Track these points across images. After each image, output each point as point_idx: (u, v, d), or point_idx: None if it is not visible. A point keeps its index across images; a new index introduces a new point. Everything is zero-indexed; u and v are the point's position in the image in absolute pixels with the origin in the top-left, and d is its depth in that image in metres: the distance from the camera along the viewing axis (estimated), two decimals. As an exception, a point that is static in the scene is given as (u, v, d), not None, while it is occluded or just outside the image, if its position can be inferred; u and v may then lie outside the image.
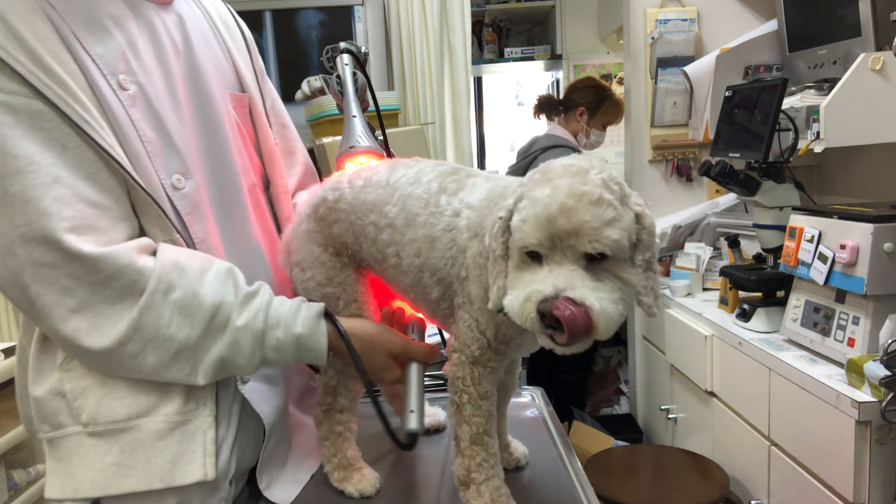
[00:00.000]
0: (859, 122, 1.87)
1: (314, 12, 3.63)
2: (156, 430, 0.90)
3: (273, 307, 0.95)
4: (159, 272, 0.86)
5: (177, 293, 0.87)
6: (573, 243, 0.75)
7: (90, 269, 0.83)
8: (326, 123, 2.65)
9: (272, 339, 0.93)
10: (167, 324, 0.87)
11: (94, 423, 0.89)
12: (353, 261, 1.06)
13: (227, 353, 0.91)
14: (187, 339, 0.88)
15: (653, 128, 2.95)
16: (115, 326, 0.85)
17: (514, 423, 1.16)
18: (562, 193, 0.76)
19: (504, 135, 4.82)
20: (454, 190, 0.96)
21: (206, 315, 0.89)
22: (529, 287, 0.77)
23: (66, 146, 0.83)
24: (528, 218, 0.77)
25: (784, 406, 1.78)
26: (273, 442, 1.04)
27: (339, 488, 1.06)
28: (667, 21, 2.84)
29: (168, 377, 0.89)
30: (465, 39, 3.47)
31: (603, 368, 3.55)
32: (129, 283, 0.85)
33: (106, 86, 0.87)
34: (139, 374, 0.88)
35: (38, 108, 0.81)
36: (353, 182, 1.04)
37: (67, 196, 0.82)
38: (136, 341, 0.86)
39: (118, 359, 0.86)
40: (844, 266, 1.62)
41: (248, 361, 0.93)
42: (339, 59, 1.28)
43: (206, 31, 1.07)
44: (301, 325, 0.95)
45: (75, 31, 0.86)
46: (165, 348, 0.87)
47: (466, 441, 0.94)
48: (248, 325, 0.92)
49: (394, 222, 0.98)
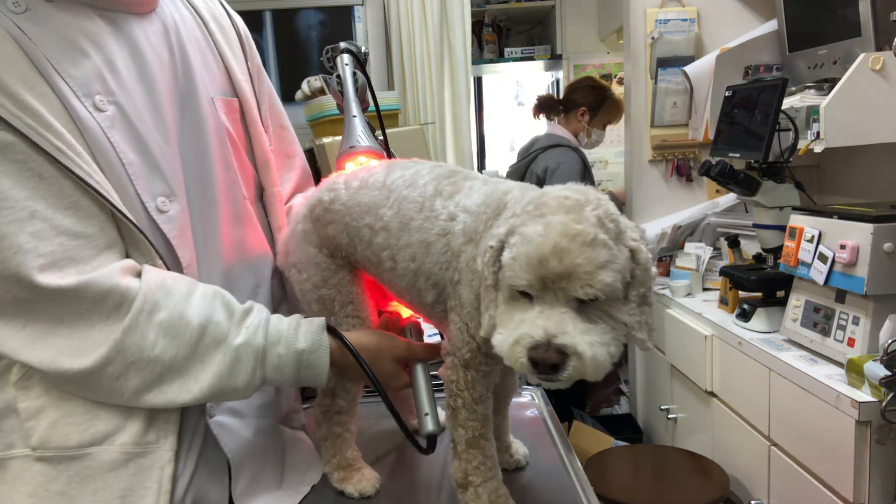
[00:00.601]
0: (859, 122, 1.87)
1: (314, 12, 3.64)
2: (109, 460, 0.85)
3: (272, 324, 0.92)
4: (144, 292, 0.83)
5: (162, 314, 0.84)
6: (564, 286, 0.74)
7: (71, 301, 0.80)
8: (326, 123, 2.65)
9: (273, 357, 0.90)
10: (152, 345, 0.83)
11: (43, 448, 0.84)
12: (347, 262, 1.05)
13: (226, 373, 0.87)
14: (173, 360, 0.85)
15: (653, 128, 2.95)
16: (96, 348, 0.81)
17: (514, 423, 1.16)
18: (555, 232, 0.74)
19: (504, 135, 4.81)
20: (450, 193, 0.95)
21: (192, 336, 0.86)
22: (520, 329, 0.76)
23: (43, 176, 0.79)
24: (518, 257, 0.75)
25: (784, 406, 1.78)
26: (247, 477, 0.99)
27: (339, 489, 1.06)
28: (667, 21, 2.84)
29: (152, 401, 0.85)
30: (465, 39, 3.47)
31: (603, 368, 3.55)
32: (114, 305, 0.82)
33: (82, 108, 0.83)
34: (121, 397, 0.84)
35: (9, 140, 0.78)
36: (350, 183, 1.04)
37: (45, 230, 0.79)
38: (119, 363, 0.82)
39: (99, 381, 0.83)
40: (844, 266, 1.62)
41: (248, 381, 0.89)
42: (339, 59, 1.28)
43: (197, 35, 1.03)
44: (303, 340, 0.92)
45: (47, 53, 0.82)
46: (149, 370, 0.84)
47: (463, 444, 0.94)
48: (248, 343, 0.88)
49: (389, 226, 0.97)
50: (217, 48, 1.06)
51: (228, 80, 1.06)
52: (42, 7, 0.84)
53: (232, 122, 1.04)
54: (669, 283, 2.59)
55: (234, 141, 1.04)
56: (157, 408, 0.87)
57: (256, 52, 1.16)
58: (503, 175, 3.55)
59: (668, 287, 2.60)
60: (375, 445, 1.20)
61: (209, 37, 1.06)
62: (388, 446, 1.21)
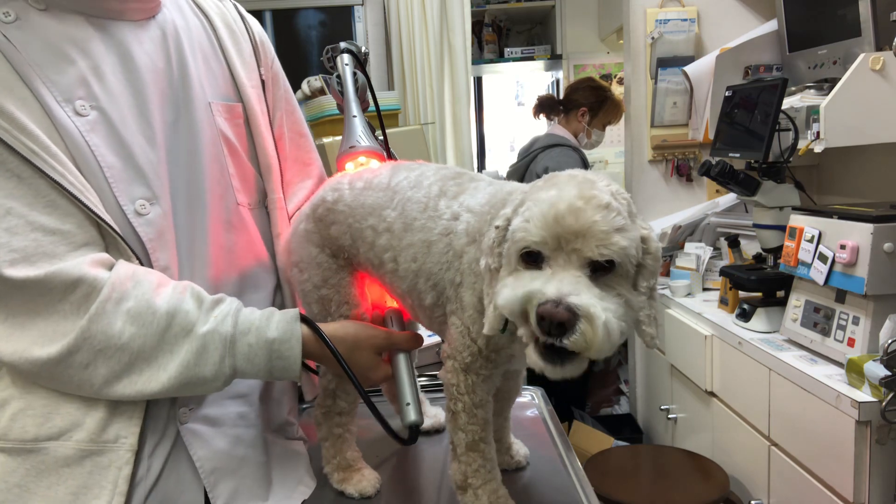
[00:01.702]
0: (859, 122, 1.87)
1: (314, 12, 3.64)
2: (63, 455, 0.85)
3: (243, 313, 0.91)
4: (113, 282, 0.83)
5: (130, 303, 0.84)
6: (579, 246, 0.71)
7: (42, 291, 0.81)
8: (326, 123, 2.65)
9: (243, 346, 0.89)
10: (119, 333, 0.83)
11: (4, 439, 0.86)
12: (349, 263, 1.05)
13: (193, 361, 0.86)
14: (141, 348, 0.84)
15: (653, 128, 2.95)
16: (64, 336, 0.82)
17: (514, 423, 1.16)
18: (570, 195, 0.72)
19: (504, 135, 4.82)
20: (454, 193, 0.94)
21: (160, 324, 0.85)
22: (532, 284, 0.72)
23: (21, 176, 0.82)
24: (532, 217, 0.73)
25: (784, 406, 1.78)
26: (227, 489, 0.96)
27: (339, 489, 1.06)
28: (667, 21, 2.84)
29: (122, 392, 0.85)
30: (465, 39, 3.47)
31: (603, 368, 3.55)
32: (83, 294, 0.82)
33: (62, 113, 0.85)
34: (91, 388, 0.84)
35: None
36: (354, 184, 1.03)
37: (19, 226, 0.81)
38: (86, 351, 0.82)
39: (67, 370, 0.83)
40: (844, 266, 1.62)
41: (216, 371, 0.87)
42: (339, 58, 1.28)
43: (202, 40, 1.03)
44: (275, 329, 0.90)
45: (31, 60, 0.85)
46: (117, 359, 0.84)
47: (462, 448, 0.93)
48: (215, 330, 0.87)
49: (392, 227, 0.96)
50: (224, 53, 1.06)
51: (233, 85, 1.06)
52: (33, 16, 0.87)
53: (232, 127, 1.04)
54: (669, 283, 2.59)
55: (232, 146, 1.03)
56: (127, 399, 0.86)
57: (275, 58, 1.15)
58: (503, 175, 3.56)
59: (668, 287, 2.60)
60: (376, 446, 1.20)
61: (216, 42, 1.06)
62: (389, 447, 1.21)
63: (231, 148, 1.03)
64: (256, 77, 1.10)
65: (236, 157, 1.04)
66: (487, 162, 4.63)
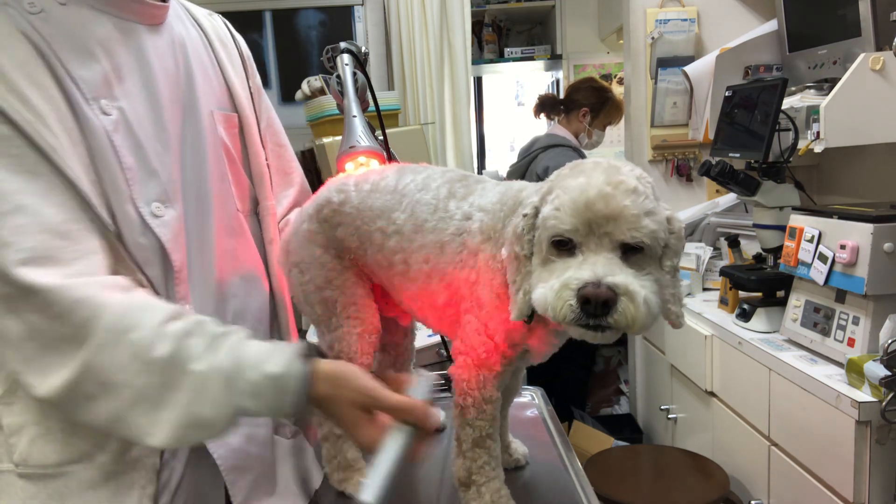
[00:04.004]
0: (859, 122, 1.87)
1: (314, 12, 3.64)
2: (87, 478, 0.84)
3: (244, 347, 0.82)
4: (121, 310, 0.78)
5: (136, 334, 0.77)
6: (611, 230, 0.74)
7: (46, 303, 0.76)
8: (326, 123, 2.65)
9: (244, 383, 0.79)
10: (123, 367, 0.77)
11: (24, 465, 0.85)
12: (354, 264, 1.05)
13: (193, 403, 0.78)
14: (144, 386, 0.77)
15: (653, 128, 2.95)
16: (66, 365, 0.77)
17: (514, 423, 1.16)
18: (598, 181, 0.75)
19: (504, 135, 4.81)
20: (463, 195, 0.95)
21: (165, 361, 0.77)
22: (565, 275, 0.75)
23: (37, 172, 0.79)
24: (562, 205, 0.76)
25: (784, 406, 1.78)
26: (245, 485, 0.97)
27: (339, 489, 1.06)
28: (667, 21, 2.84)
29: (126, 431, 0.79)
30: (465, 39, 3.47)
31: (603, 368, 3.55)
32: (84, 318, 0.77)
33: (89, 110, 0.84)
34: (98, 420, 0.79)
35: (6, 133, 0.78)
36: (360, 186, 1.03)
37: (29, 225, 0.77)
38: (90, 382, 0.77)
39: (74, 401, 0.78)
40: (844, 266, 1.62)
41: (217, 412, 0.78)
42: (339, 59, 1.28)
43: (200, 51, 1.04)
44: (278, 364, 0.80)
45: (60, 54, 0.83)
46: (121, 395, 0.77)
47: (469, 443, 0.94)
48: (214, 367, 0.78)
49: (402, 229, 0.97)
50: (219, 65, 1.08)
51: (229, 96, 1.07)
52: (55, 9, 0.85)
53: (230, 137, 1.05)
54: (669, 283, 2.58)
55: (230, 154, 1.05)
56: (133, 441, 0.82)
57: (257, 73, 1.17)
58: (503, 175, 3.56)
59: (668, 287, 2.60)
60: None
61: (212, 54, 1.07)
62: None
63: (230, 156, 1.05)
64: (247, 88, 1.12)
65: (234, 166, 1.06)
66: (487, 162, 4.63)
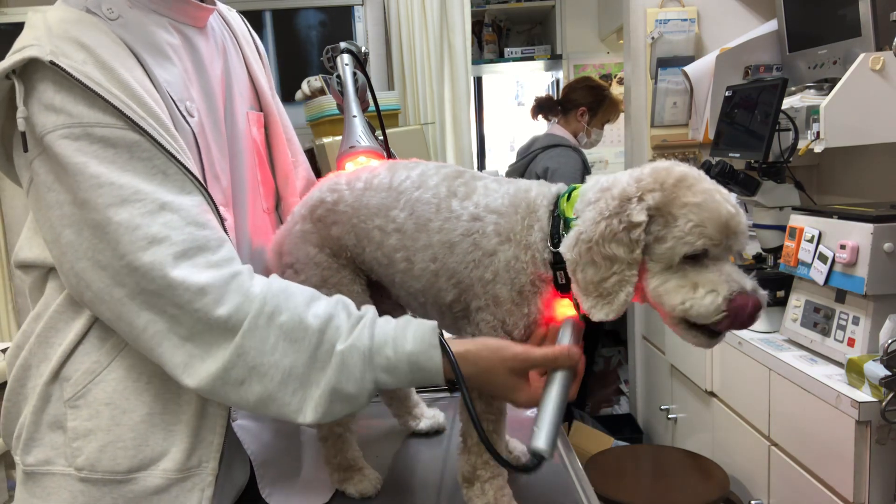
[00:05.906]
0: (859, 122, 1.87)
1: (314, 12, 3.63)
2: (153, 485, 0.87)
3: (378, 325, 0.87)
4: (266, 295, 0.83)
5: (283, 317, 0.83)
6: (732, 243, 0.84)
7: (195, 295, 0.80)
8: (326, 123, 2.65)
9: (381, 359, 0.85)
10: (272, 349, 0.82)
11: (90, 469, 0.86)
12: (351, 262, 1.05)
13: (337, 379, 0.84)
14: (293, 366, 0.83)
15: (653, 128, 2.95)
16: (220, 350, 0.81)
17: (514, 423, 1.16)
18: (720, 195, 0.83)
19: (504, 135, 4.82)
20: (465, 194, 0.95)
21: (311, 341, 0.83)
22: (723, 286, 0.83)
23: (167, 173, 0.83)
24: (703, 222, 0.82)
25: (784, 406, 1.78)
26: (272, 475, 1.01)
27: (340, 489, 1.06)
28: (667, 21, 2.84)
29: (276, 411, 0.84)
30: (465, 39, 3.47)
31: (603, 368, 3.55)
32: (235, 307, 0.82)
33: (177, 113, 0.87)
34: (247, 404, 0.84)
35: (135, 139, 0.81)
36: (353, 184, 1.03)
37: (175, 221, 0.81)
38: (241, 367, 0.82)
39: (224, 386, 0.82)
40: (844, 266, 1.62)
41: (359, 387, 0.85)
42: (339, 59, 1.28)
43: (232, 50, 1.06)
44: (412, 341, 0.86)
45: (143, 58, 0.85)
46: (270, 376, 0.82)
47: (475, 438, 0.93)
48: (354, 346, 0.84)
49: (402, 227, 0.97)
50: (246, 63, 1.09)
51: (255, 95, 1.09)
52: (129, 14, 0.87)
53: (259, 136, 1.08)
54: (669, 283, 2.58)
55: (260, 155, 1.08)
56: (284, 419, 0.85)
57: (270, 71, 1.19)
58: (502, 175, 3.56)
59: (668, 287, 2.60)
60: (376, 446, 1.20)
61: (241, 53, 1.09)
62: (389, 446, 1.21)
63: (259, 156, 1.07)
64: (269, 86, 1.13)
65: (263, 166, 1.09)
66: (487, 162, 4.63)
